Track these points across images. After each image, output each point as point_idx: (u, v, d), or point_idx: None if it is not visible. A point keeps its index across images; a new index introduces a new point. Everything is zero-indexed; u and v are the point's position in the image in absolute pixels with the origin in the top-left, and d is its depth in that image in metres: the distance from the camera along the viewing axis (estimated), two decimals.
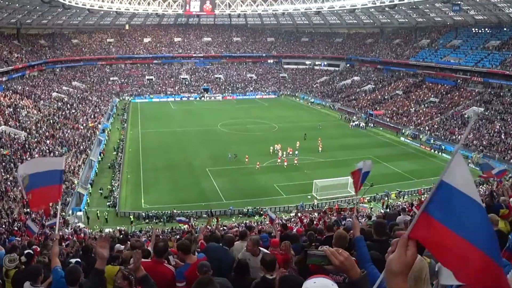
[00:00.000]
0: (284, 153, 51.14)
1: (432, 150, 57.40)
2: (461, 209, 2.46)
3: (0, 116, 50.76)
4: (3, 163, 38.66)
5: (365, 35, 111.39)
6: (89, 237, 24.33)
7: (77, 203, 38.30)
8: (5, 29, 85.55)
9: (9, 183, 35.63)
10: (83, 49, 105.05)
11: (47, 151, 45.69)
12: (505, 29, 75.39)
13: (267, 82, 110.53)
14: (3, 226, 25.68)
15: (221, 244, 8.21)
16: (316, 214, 32.90)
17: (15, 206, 32.83)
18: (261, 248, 7.22)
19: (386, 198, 40.08)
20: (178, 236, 18.35)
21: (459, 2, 69.76)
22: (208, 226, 17.54)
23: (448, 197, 2.51)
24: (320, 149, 54.19)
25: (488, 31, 78.69)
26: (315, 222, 24.37)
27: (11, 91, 64.54)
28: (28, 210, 31.73)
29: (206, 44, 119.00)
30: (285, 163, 48.53)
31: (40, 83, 79.62)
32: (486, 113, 62.77)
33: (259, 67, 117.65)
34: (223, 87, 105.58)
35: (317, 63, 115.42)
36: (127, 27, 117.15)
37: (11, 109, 55.42)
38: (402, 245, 2.39)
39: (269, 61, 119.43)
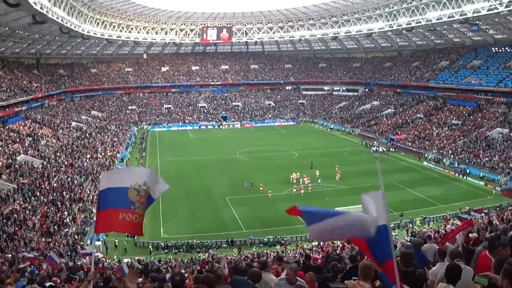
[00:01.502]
0: (301, 180, 50.44)
1: (457, 174, 56.01)
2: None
3: (19, 145, 50.93)
4: (22, 192, 38.37)
5: (383, 59, 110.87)
6: (108, 267, 23.70)
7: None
8: (25, 59, 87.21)
9: (27, 211, 35.23)
10: (101, 78, 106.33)
11: (66, 180, 45.41)
12: None
13: (285, 109, 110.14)
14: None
15: (246, 277, 7.54)
16: (338, 242, 31.79)
17: (34, 235, 32.37)
18: (298, 278, 7.12)
19: (411, 225, 38.78)
20: (198, 267, 17.64)
21: (478, 22, 68.91)
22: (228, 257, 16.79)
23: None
24: (337, 177, 52.94)
25: (508, 50, 77.53)
26: (337, 251, 23.37)
27: (30, 120, 65.07)
28: (49, 240, 31.27)
29: (223, 72, 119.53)
30: (302, 191, 47.59)
31: (59, 112, 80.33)
32: (511, 134, 61.24)
33: (277, 94, 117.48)
34: (242, 115, 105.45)
35: (335, 88, 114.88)
36: (145, 56, 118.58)
37: (31, 138, 55.63)
38: None
39: (287, 87, 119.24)
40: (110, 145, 68.03)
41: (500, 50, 79.49)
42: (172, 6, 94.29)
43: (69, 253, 29.87)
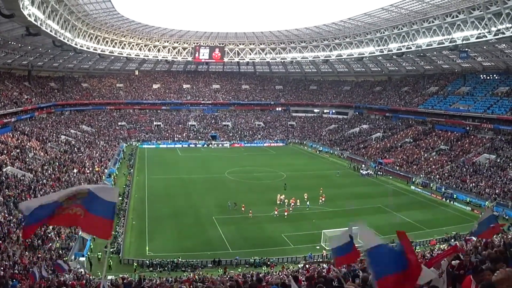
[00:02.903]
0: (286, 201, 50.36)
1: (444, 199, 56.24)
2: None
3: (6, 157, 50.42)
4: (7, 204, 37.88)
5: (373, 83, 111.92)
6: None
7: (80, 248, 37.23)
8: (17, 70, 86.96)
9: (12, 224, 34.74)
10: (92, 93, 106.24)
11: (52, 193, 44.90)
12: None
13: (275, 130, 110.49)
14: (4, 269, 24.67)
15: None
16: (325, 265, 31.67)
17: (17, 248, 31.87)
18: None
19: None
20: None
21: (467, 49, 70.04)
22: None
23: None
24: (322, 200, 52.34)
25: (496, 78, 78.85)
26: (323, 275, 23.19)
27: (19, 132, 64.61)
28: (38, 256, 30.82)
29: (214, 91, 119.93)
30: (286, 213, 47.40)
31: (48, 125, 79.85)
32: (498, 160, 61.86)
33: (267, 114, 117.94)
34: (231, 135, 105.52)
35: (325, 111, 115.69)
36: (136, 72, 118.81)
37: (18, 150, 55.17)
38: None
39: (277, 109, 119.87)
40: (98, 160, 67.60)
41: (488, 77, 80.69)
42: (166, 24, 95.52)
43: (52, 268, 29.44)
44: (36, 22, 52.57)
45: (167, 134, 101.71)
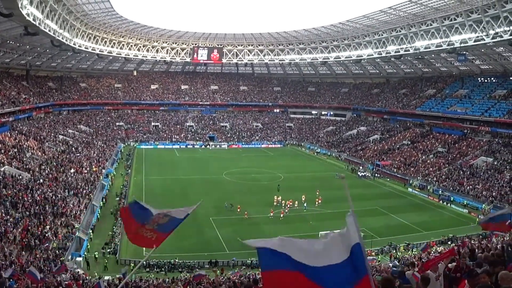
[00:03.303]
0: (283, 202, 50.48)
1: (441, 201, 56.38)
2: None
3: (4, 156, 50.37)
4: (4, 204, 37.80)
5: (371, 85, 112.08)
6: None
7: (77, 248, 37.19)
8: (15, 69, 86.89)
9: (9, 224, 34.70)
10: (90, 93, 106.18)
11: (50, 193, 44.90)
12: (511, 78, 75.83)
13: (273, 131, 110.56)
14: (0, 269, 24.65)
15: None
16: None
17: (14, 248, 31.85)
18: None
19: (394, 251, 38.82)
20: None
21: (465, 52, 70.23)
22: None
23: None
24: (318, 202, 52.38)
25: (494, 81, 79.07)
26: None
27: (17, 132, 64.49)
28: (29, 256, 30.81)
29: (212, 92, 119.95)
30: (282, 215, 47.43)
31: (46, 125, 79.72)
32: (495, 163, 62.01)
33: (265, 116, 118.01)
34: (229, 135, 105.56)
35: (323, 112, 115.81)
36: (135, 73, 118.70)
37: (16, 150, 55.11)
38: None
39: (275, 110, 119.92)
40: (95, 161, 67.55)
41: (486, 80, 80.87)
42: (164, 25, 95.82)
43: (49, 269, 29.42)
44: (35, 22, 52.62)
45: (165, 135, 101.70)
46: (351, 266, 3.74)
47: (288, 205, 50.06)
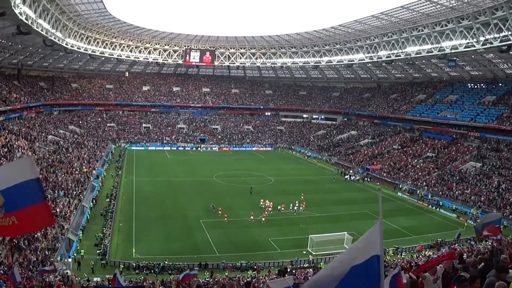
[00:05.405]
0: (270, 204, 50.92)
1: (430, 206, 56.76)
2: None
3: None
4: None
5: (362, 90, 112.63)
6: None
7: (66, 249, 37.04)
8: (6, 69, 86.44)
9: None
10: (82, 93, 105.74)
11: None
12: (500, 84, 76.63)
13: (264, 134, 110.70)
14: None
15: None
16: (311, 270, 31.89)
17: (3, 248, 31.66)
18: None
19: (384, 255, 38.91)
20: None
21: (455, 58, 70.80)
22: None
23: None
24: (301, 207, 51.93)
25: (483, 87, 79.76)
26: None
27: (7, 131, 64.01)
28: (18, 256, 30.66)
29: (204, 95, 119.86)
30: (263, 219, 47.44)
31: (36, 124, 79.17)
32: (484, 168, 62.57)
33: (257, 119, 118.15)
34: (220, 138, 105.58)
35: (314, 116, 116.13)
36: (127, 74, 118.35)
37: (6, 149, 54.75)
38: None
39: (266, 113, 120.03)
40: (86, 161, 67.31)
41: (475, 86, 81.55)
42: (157, 26, 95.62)
43: (37, 269, 29.30)
44: (27, 21, 52.44)
45: (156, 137, 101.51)
46: (364, 274, 3.85)
47: (270, 208, 50.46)
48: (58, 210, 42.40)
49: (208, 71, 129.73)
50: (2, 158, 51.04)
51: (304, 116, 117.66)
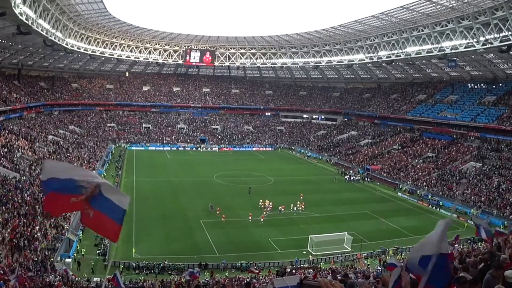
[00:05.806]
0: (266, 204, 50.99)
1: (430, 206, 56.77)
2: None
3: None
4: None
5: (363, 90, 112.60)
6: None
7: (66, 249, 37.02)
8: (6, 69, 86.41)
9: None
10: (82, 93, 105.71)
11: (39, 193, 44.64)
12: (500, 84, 76.60)
13: (264, 134, 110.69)
14: None
15: None
16: (311, 270, 31.86)
17: (3, 248, 31.64)
18: None
19: (384, 255, 39.01)
20: None
21: (455, 58, 70.80)
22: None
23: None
24: (300, 208, 51.86)
25: (484, 87, 79.74)
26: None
27: (7, 131, 64.00)
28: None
29: (204, 95, 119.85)
30: (262, 219, 47.37)
31: (37, 125, 79.14)
32: (484, 168, 62.56)
33: (257, 119, 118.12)
34: (220, 138, 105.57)
35: (314, 116, 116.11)
36: (127, 74, 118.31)
37: (6, 149, 54.73)
38: None
39: (266, 113, 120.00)
40: (86, 161, 67.29)
41: (475, 87, 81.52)
42: (157, 27, 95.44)
43: (37, 269, 29.30)
44: (27, 21, 52.47)
45: (156, 137, 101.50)
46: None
47: (269, 208, 50.47)
48: None
49: (208, 71, 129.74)
50: (2, 158, 51.07)
51: (304, 116, 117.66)
